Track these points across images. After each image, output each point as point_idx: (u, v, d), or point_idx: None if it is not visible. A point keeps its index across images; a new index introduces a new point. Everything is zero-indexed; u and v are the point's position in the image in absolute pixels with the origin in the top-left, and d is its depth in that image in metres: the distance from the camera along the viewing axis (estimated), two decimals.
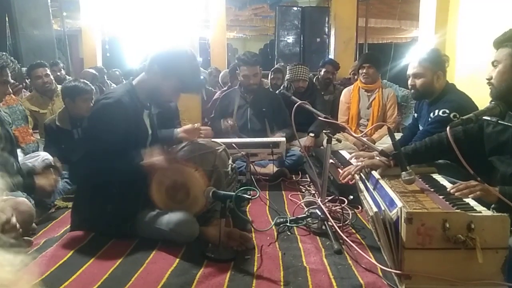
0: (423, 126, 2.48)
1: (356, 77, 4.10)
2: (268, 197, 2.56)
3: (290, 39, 6.96)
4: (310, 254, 1.73)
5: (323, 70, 4.52)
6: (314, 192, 2.63)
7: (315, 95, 3.95)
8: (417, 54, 2.50)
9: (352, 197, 2.14)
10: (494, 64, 1.72)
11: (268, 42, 10.83)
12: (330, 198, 2.19)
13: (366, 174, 2.03)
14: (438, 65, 2.37)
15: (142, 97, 1.97)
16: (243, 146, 2.76)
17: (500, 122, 1.66)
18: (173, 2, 4.63)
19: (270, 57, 8.10)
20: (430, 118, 2.37)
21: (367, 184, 1.94)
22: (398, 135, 3.08)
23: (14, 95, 3.32)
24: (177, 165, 1.88)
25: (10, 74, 2.16)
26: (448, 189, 1.65)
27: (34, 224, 2.01)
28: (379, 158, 2.01)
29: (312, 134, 3.56)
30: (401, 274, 1.39)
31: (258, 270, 1.60)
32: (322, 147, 3.50)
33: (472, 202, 1.52)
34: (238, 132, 3.29)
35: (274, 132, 3.30)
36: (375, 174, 1.93)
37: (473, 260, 1.32)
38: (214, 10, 6.86)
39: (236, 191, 1.76)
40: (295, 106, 2.05)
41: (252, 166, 2.85)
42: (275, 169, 3.02)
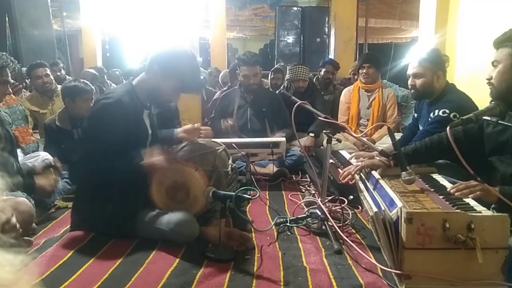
0: (423, 126, 2.48)
1: (356, 77, 4.10)
2: (268, 197, 2.56)
3: (290, 39, 6.96)
4: (310, 254, 1.73)
5: (323, 70, 4.52)
6: (314, 192, 2.63)
7: (315, 95, 3.95)
8: (417, 54, 2.50)
9: (352, 197, 2.14)
10: (494, 64, 1.72)
11: (268, 42, 10.82)
12: (330, 198, 2.19)
13: (366, 174, 2.03)
14: (438, 65, 2.37)
15: (142, 97, 1.97)
16: (243, 146, 2.76)
17: (500, 122, 1.66)
18: (173, 2, 4.64)
19: (270, 57, 8.10)
20: (430, 118, 2.37)
21: (367, 184, 1.94)
22: (398, 135, 3.07)
23: (14, 95, 3.32)
24: (177, 165, 1.88)
25: (10, 74, 2.16)
26: (448, 189, 1.65)
27: (34, 224, 2.01)
28: (379, 158, 2.01)
29: (312, 134, 3.56)
30: (401, 274, 1.39)
31: (258, 270, 1.60)
32: (322, 147, 3.50)
33: (472, 202, 1.52)
34: (238, 132, 3.29)
35: (274, 132, 3.30)
36: (375, 174, 1.94)
37: (473, 260, 1.32)
38: (214, 10, 6.86)
39: (236, 191, 1.76)
40: (295, 106, 2.05)
41: (252, 166, 2.85)
42: (275, 169, 3.02)
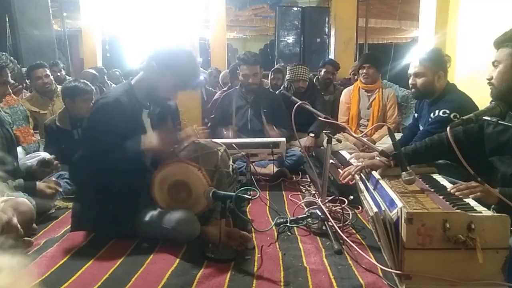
0: (424, 126, 2.48)
1: (356, 77, 4.10)
2: (268, 197, 2.56)
3: (290, 39, 6.95)
4: (310, 254, 1.73)
5: (323, 70, 4.52)
6: (314, 192, 2.63)
7: (315, 95, 3.95)
8: (419, 53, 2.50)
9: (352, 197, 2.14)
10: (495, 64, 1.72)
11: (268, 43, 10.82)
12: (330, 198, 2.19)
13: (366, 174, 2.03)
14: (440, 65, 2.37)
15: (141, 97, 1.97)
16: (243, 147, 2.76)
17: (500, 122, 1.66)
18: (173, 2, 4.63)
19: (270, 57, 8.09)
20: (430, 118, 2.37)
21: (367, 184, 1.94)
22: (398, 135, 3.08)
23: (15, 96, 3.32)
24: (180, 163, 1.87)
25: (10, 75, 2.16)
26: (448, 189, 1.65)
27: (34, 224, 2.01)
28: (379, 158, 2.01)
29: (312, 134, 3.56)
30: (401, 274, 1.39)
31: (258, 270, 1.60)
32: (322, 147, 3.50)
33: (472, 202, 1.52)
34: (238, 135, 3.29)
35: (269, 124, 3.27)
36: (375, 174, 1.94)
37: (473, 260, 1.32)
38: (214, 10, 6.86)
39: (236, 191, 1.76)
40: (295, 106, 2.04)
41: (252, 166, 2.85)
42: (275, 169, 3.02)
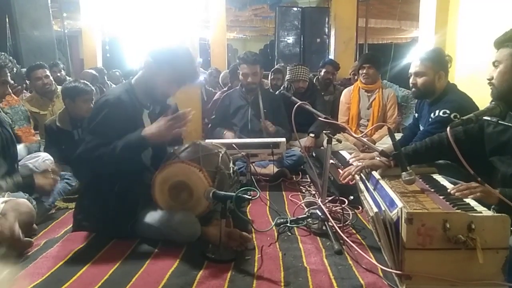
0: (424, 126, 2.48)
1: (356, 77, 4.10)
2: (268, 197, 2.56)
3: (290, 40, 6.95)
4: (310, 254, 1.73)
5: (323, 70, 4.52)
6: (314, 192, 2.63)
7: (315, 96, 3.95)
8: (420, 53, 2.50)
9: (352, 197, 2.14)
10: (495, 64, 1.72)
11: (268, 43, 10.81)
12: (330, 198, 2.19)
13: (367, 174, 2.03)
14: (441, 65, 2.38)
15: (141, 96, 1.97)
16: (243, 147, 2.76)
17: (500, 122, 1.66)
18: (173, 2, 4.63)
19: (270, 57, 8.09)
20: (430, 119, 2.37)
21: (368, 184, 1.94)
22: (398, 136, 3.08)
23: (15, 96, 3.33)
24: (181, 164, 1.86)
25: (9, 74, 2.16)
26: (448, 189, 1.65)
27: (34, 225, 2.01)
28: (380, 158, 2.01)
29: (312, 134, 3.56)
30: (401, 275, 1.39)
31: (259, 270, 1.60)
32: (322, 148, 3.50)
33: (472, 203, 1.52)
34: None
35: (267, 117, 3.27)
36: (376, 174, 1.94)
37: (473, 260, 1.32)
38: (214, 10, 6.86)
39: (236, 192, 1.76)
40: (295, 106, 2.04)
41: (252, 167, 2.85)
42: (276, 169, 3.02)
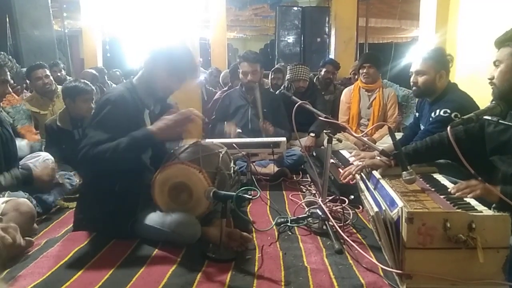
0: (425, 126, 2.48)
1: (356, 77, 4.10)
2: (268, 197, 2.56)
3: (291, 39, 6.95)
4: (311, 254, 1.73)
5: (324, 70, 4.52)
6: (314, 192, 2.63)
7: (316, 95, 3.95)
8: (421, 51, 2.50)
9: (352, 197, 2.14)
10: (496, 63, 1.72)
11: (268, 42, 10.81)
12: (331, 198, 2.19)
13: (367, 174, 2.03)
14: (442, 64, 2.38)
15: (143, 95, 1.97)
16: (244, 146, 2.76)
17: (501, 121, 1.66)
18: (173, 2, 4.64)
19: (271, 57, 8.08)
20: (431, 118, 2.37)
21: (368, 184, 1.94)
22: (398, 135, 3.07)
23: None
24: (181, 165, 1.86)
25: (9, 74, 2.16)
26: (449, 189, 1.65)
27: (35, 224, 2.01)
28: (380, 158, 2.01)
29: (312, 134, 3.56)
30: (402, 274, 1.39)
31: (259, 270, 1.60)
32: (322, 147, 3.50)
33: (473, 202, 1.52)
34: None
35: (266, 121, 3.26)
36: (376, 174, 1.94)
37: (474, 259, 1.32)
38: (214, 10, 6.86)
39: (236, 191, 1.76)
40: (296, 106, 2.04)
41: (252, 166, 2.85)
42: (276, 169, 3.02)
